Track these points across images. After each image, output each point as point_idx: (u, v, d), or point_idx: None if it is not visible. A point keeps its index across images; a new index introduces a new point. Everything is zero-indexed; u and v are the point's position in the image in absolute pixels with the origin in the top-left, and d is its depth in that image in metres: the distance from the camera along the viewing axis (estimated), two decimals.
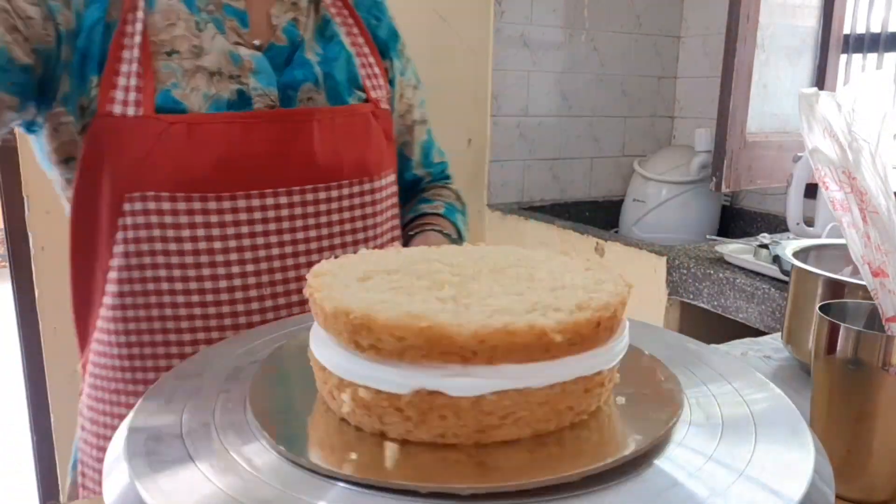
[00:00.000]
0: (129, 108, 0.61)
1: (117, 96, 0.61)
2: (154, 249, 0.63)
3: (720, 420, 0.38)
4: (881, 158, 0.51)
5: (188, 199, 0.62)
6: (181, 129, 0.62)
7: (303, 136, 0.67)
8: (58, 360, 1.62)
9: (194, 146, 0.62)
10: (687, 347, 0.49)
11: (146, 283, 0.64)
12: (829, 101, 0.53)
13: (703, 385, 0.42)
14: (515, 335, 0.32)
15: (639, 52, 2.26)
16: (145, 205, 0.62)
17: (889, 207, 0.51)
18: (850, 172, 0.51)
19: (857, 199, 0.51)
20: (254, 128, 0.65)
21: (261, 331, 0.52)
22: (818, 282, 0.74)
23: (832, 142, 0.52)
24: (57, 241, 1.71)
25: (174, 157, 0.61)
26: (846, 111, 0.52)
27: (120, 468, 0.33)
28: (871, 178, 0.51)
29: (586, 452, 0.34)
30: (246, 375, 0.43)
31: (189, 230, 0.63)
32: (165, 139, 0.61)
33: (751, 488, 0.31)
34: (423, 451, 0.34)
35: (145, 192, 0.62)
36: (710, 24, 2.21)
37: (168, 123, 0.62)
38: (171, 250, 0.63)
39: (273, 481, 0.31)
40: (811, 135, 0.53)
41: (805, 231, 1.53)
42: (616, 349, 0.38)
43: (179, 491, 0.31)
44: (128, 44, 0.62)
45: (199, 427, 0.36)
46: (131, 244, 0.63)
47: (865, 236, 0.51)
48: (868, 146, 0.51)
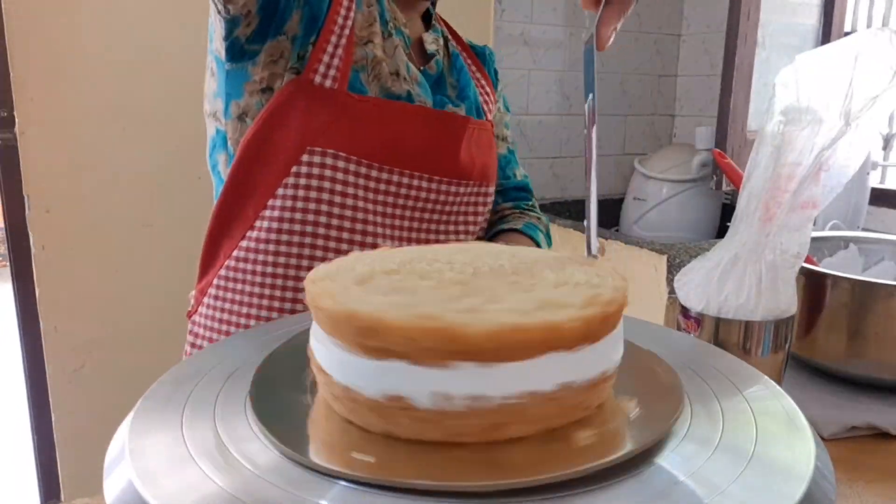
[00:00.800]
0: (326, 81, 0.75)
1: (320, 69, 0.75)
2: (321, 198, 0.75)
3: (721, 418, 0.38)
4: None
5: (359, 164, 0.75)
6: (367, 108, 0.76)
7: (456, 135, 0.83)
8: (58, 360, 1.62)
9: (374, 122, 0.76)
10: (687, 345, 0.49)
11: (306, 225, 0.76)
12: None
13: (703, 383, 0.42)
14: (530, 332, 0.32)
15: (639, 50, 2.26)
16: (324, 159, 0.74)
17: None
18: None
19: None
20: (422, 118, 0.80)
21: (262, 329, 0.52)
22: (804, 274, 0.75)
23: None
24: (57, 240, 1.71)
25: (357, 127, 0.75)
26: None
27: (120, 467, 0.33)
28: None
29: (593, 447, 0.34)
30: (248, 373, 0.43)
31: (353, 188, 0.76)
32: (353, 112, 0.75)
33: (751, 486, 0.31)
34: (428, 449, 0.34)
35: (326, 150, 0.74)
36: (711, 22, 2.21)
37: (357, 100, 0.76)
38: (335, 202, 0.75)
39: (275, 480, 0.31)
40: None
41: None
42: (620, 345, 0.38)
43: (180, 490, 0.31)
44: (339, 24, 0.76)
45: (200, 426, 0.36)
46: (301, 189, 0.74)
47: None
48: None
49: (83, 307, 1.62)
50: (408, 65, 0.81)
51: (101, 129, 1.59)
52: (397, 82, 0.79)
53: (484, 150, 0.88)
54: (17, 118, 1.51)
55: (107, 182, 1.61)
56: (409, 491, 0.30)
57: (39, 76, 1.52)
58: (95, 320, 1.64)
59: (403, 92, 0.79)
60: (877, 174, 1.68)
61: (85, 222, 1.61)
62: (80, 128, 1.57)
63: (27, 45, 1.50)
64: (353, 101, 0.75)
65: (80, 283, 1.61)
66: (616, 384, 0.40)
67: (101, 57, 1.57)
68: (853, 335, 0.71)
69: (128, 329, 1.68)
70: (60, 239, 1.59)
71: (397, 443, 0.35)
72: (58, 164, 1.56)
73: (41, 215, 1.56)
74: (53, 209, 1.58)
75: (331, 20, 0.75)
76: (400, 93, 0.79)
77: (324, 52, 0.75)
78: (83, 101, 1.57)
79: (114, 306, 1.65)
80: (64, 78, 1.54)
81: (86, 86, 1.57)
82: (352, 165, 0.75)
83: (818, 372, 0.77)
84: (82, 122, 1.57)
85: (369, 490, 0.31)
